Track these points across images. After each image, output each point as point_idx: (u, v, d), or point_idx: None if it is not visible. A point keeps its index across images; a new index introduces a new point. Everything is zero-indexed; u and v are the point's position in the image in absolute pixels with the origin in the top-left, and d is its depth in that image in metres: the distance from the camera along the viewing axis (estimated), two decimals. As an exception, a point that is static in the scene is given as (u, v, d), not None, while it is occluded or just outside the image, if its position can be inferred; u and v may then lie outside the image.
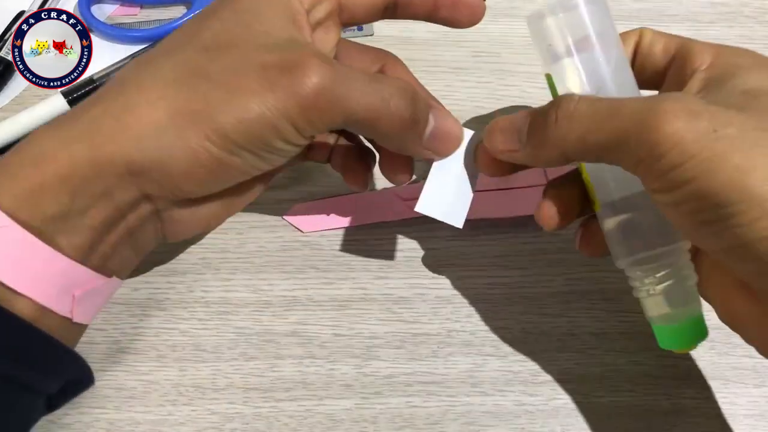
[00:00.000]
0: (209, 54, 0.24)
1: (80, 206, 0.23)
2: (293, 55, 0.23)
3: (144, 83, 0.23)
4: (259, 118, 0.23)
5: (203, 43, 0.24)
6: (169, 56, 0.24)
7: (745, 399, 0.30)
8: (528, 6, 0.40)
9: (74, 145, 0.23)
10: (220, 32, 0.24)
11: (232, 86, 0.23)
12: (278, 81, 0.23)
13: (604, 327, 0.31)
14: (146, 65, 0.24)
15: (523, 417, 0.30)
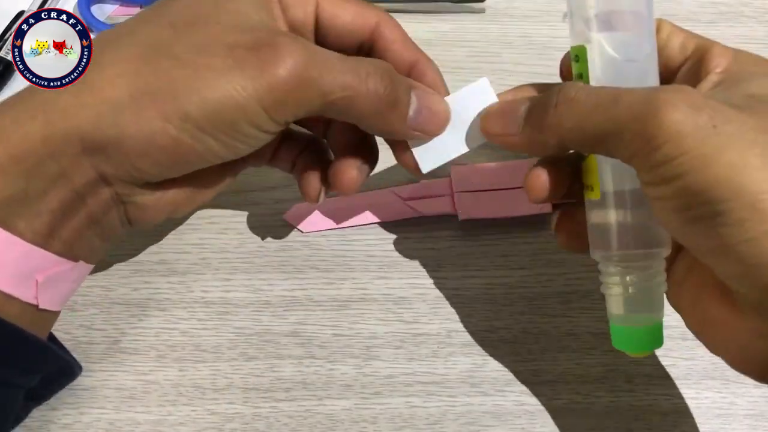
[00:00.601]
0: (176, 31, 0.23)
1: (37, 188, 0.22)
2: (264, 35, 0.22)
3: (104, 60, 0.23)
4: (226, 98, 0.21)
5: (169, 20, 0.23)
6: (133, 33, 0.23)
7: (745, 399, 0.30)
8: (528, 6, 0.40)
9: (28, 122, 0.22)
10: (188, 9, 0.23)
11: (198, 64, 0.22)
12: (248, 60, 0.22)
13: (604, 327, 0.31)
14: (108, 42, 0.24)
15: (523, 417, 0.30)
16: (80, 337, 0.31)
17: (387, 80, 0.24)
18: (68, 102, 0.22)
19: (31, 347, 0.24)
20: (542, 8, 0.40)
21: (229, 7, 0.23)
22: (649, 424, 0.30)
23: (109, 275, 0.32)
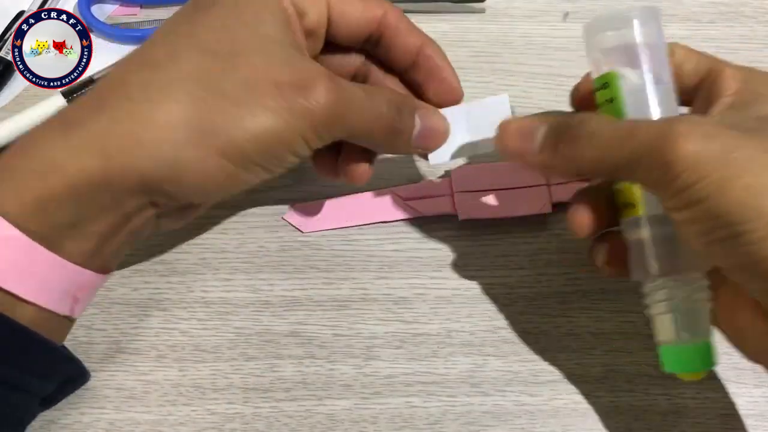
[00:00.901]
0: (219, 63, 0.23)
1: (89, 215, 0.23)
2: (304, 74, 0.24)
3: (152, 92, 0.23)
4: (276, 135, 0.23)
5: (208, 47, 0.24)
6: (174, 61, 0.24)
7: (745, 399, 0.30)
8: (528, 6, 0.40)
9: (85, 156, 0.22)
10: (222, 34, 0.24)
11: (251, 104, 0.23)
12: (294, 100, 0.23)
13: (604, 327, 0.31)
14: (150, 69, 0.24)
15: (523, 417, 0.30)
16: (80, 337, 0.31)
17: (397, 113, 0.26)
18: (124, 137, 0.23)
19: (57, 357, 0.25)
20: (542, 8, 0.40)
21: (261, 31, 0.24)
22: (649, 424, 0.30)
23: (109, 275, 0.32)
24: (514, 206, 0.32)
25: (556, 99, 0.37)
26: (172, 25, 0.25)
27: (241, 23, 0.24)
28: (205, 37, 0.24)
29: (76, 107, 0.24)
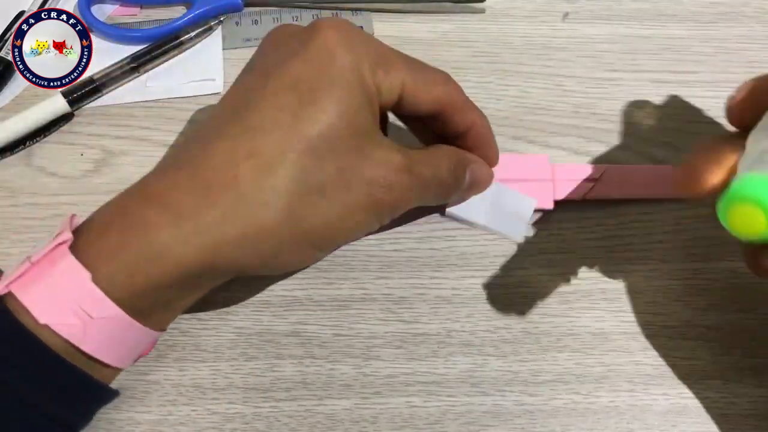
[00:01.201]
0: (318, 160, 0.24)
1: (184, 296, 0.25)
2: (390, 170, 0.25)
3: (264, 192, 0.23)
4: (365, 228, 0.27)
5: (310, 143, 0.24)
6: (282, 159, 0.23)
7: (745, 399, 0.30)
8: (528, 6, 0.40)
9: (197, 249, 0.23)
10: (325, 129, 0.24)
11: (345, 203, 0.25)
12: (382, 200, 0.25)
13: (604, 327, 0.31)
14: (259, 164, 0.23)
15: (523, 417, 0.30)
16: (80, 337, 0.31)
17: (455, 179, 0.29)
18: (237, 236, 0.23)
19: (107, 398, 0.26)
20: (542, 8, 0.40)
21: (353, 121, 0.25)
22: (649, 424, 0.30)
23: (109, 275, 0.32)
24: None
25: (556, 99, 0.37)
26: (273, 109, 0.24)
27: (338, 115, 0.24)
28: (307, 133, 0.24)
29: (182, 191, 0.23)
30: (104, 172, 0.35)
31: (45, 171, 0.35)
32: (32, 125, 0.35)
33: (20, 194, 0.34)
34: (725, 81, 0.38)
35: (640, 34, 0.39)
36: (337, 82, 0.24)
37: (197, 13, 0.39)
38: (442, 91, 0.28)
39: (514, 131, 0.36)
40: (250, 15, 0.40)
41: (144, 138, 0.36)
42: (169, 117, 0.37)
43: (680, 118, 0.36)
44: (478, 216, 0.32)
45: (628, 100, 0.37)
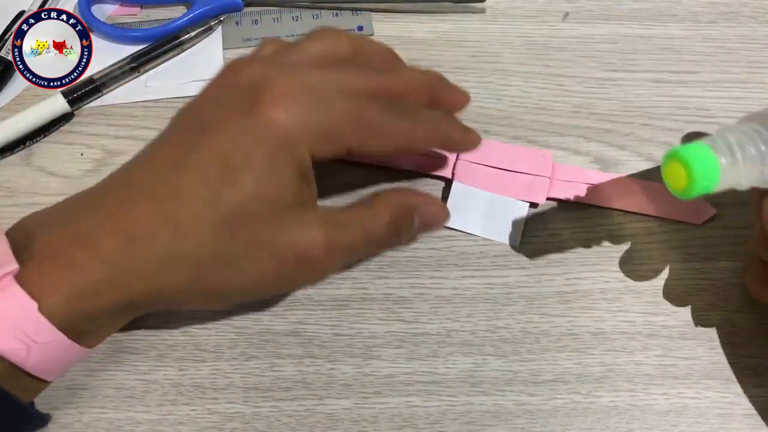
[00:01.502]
0: (232, 234, 0.25)
1: (117, 322, 0.27)
2: (307, 251, 0.26)
3: (173, 252, 0.25)
4: (279, 292, 0.30)
5: (227, 219, 0.25)
6: (196, 225, 0.25)
7: (745, 399, 0.30)
8: (528, 6, 0.40)
9: (119, 292, 0.25)
10: (241, 206, 0.25)
11: (254, 277, 0.26)
12: (294, 276, 0.27)
13: (604, 327, 0.31)
14: (173, 225, 0.25)
15: (523, 417, 0.30)
16: (80, 337, 0.31)
17: (396, 233, 0.28)
18: (145, 287, 0.25)
19: (36, 421, 0.27)
20: (542, 8, 0.40)
21: (273, 195, 0.25)
22: (649, 424, 0.30)
23: (109, 275, 0.32)
24: (510, 187, 0.33)
25: (556, 99, 0.37)
26: (197, 183, 0.25)
27: (257, 193, 0.25)
28: (223, 209, 0.25)
29: (109, 238, 0.25)
30: (104, 172, 0.35)
31: (45, 171, 0.35)
32: (32, 125, 0.35)
33: (20, 194, 0.34)
34: (725, 81, 0.38)
35: (640, 34, 0.39)
36: (266, 164, 0.25)
37: (197, 13, 0.39)
38: (396, 146, 0.28)
39: (514, 131, 0.36)
40: (250, 15, 0.40)
41: (144, 138, 0.36)
42: (169, 117, 0.36)
43: (680, 118, 0.36)
44: (473, 226, 0.33)
45: (628, 100, 0.37)
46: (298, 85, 0.26)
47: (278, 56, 0.28)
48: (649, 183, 0.34)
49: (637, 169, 0.35)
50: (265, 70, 0.26)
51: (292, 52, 0.28)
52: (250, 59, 0.28)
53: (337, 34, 0.29)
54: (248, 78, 0.26)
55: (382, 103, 0.27)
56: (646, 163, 0.35)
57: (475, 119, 0.36)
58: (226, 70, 0.28)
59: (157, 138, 0.28)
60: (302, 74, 0.26)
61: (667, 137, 0.36)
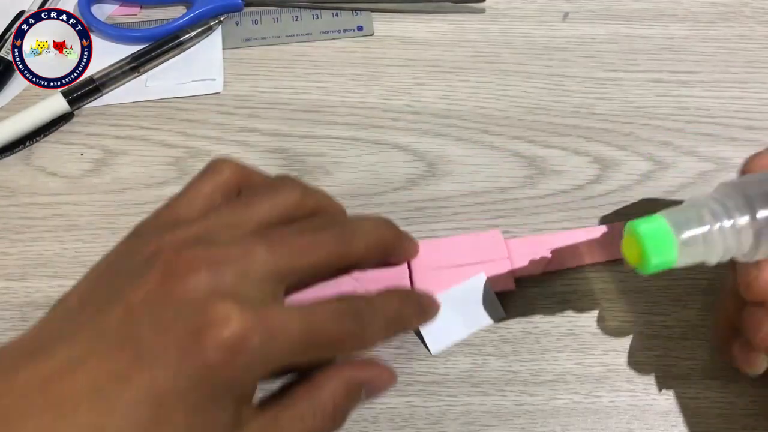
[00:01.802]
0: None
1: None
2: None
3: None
4: None
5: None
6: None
7: (745, 399, 0.30)
8: (528, 6, 0.40)
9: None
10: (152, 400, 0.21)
11: None
12: None
13: (604, 327, 0.31)
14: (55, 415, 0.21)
15: (523, 417, 0.30)
16: (80, 337, 0.31)
17: (344, 407, 0.25)
18: None
19: None
20: (542, 8, 0.40)
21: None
22: (649, 424, 0.30)
23: (109, 275, 0.32)
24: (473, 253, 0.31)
25: (556, 99, 0.37)
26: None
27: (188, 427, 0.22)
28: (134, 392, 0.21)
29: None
30: (104, 172, 0.35)
31: (45, 171, 0.35)
32: (32, 125, 0.35)
33: (20, 194, 0.34)
34: (725, 81, 0.38)
35: (640, 34, 0.39)
36: (201, 406, 0.22)
37: (197, 13, 0.39)
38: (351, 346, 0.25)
39: (514, 131, 0.36)
40: (250, 15, 0.40)
41: (144, 138, 0.36)
42: (169, 117, 0.37)
43: (680, 118, 0.36)
44: (454, 334, 0.31)
45: (628, 100, 0.37)
46: (251, 315, 0.22)
47: (220, 250, 0.24)
48: (612, 226, 0.33)
49: (638, 169, 0.35)
50: (211, 280, 0.22)
51: (235, 228, 0.25)
52: (195, 252, 0.23)
53: (289, 190, 0.26)
54: (192, 292, 0.22)
55: (339, 308, 0.24)
56: (646, 163, 0.35)
57: (474, 119, 0.36)
58: (158, 262, 0.23)
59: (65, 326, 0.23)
60: (249, 287, 0.23)
61: (667, 137, 0.36)
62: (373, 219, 0.27)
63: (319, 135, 0.36)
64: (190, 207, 0.27)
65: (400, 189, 0.35)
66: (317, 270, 0.26)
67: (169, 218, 0.27)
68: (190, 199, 0.27)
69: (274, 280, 0.24)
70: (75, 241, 0.33)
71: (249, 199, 0.26)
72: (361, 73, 0.38)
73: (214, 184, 0.27)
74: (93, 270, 0.26)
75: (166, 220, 0.26)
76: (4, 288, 0.32)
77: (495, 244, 0.32)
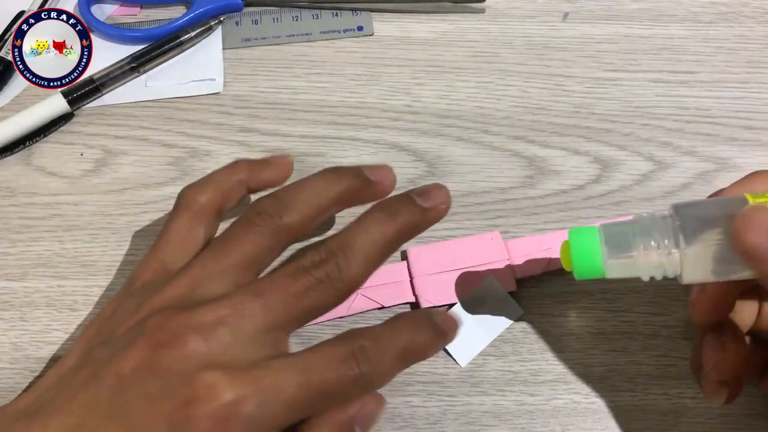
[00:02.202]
0: None
1: None
2: None
3: None
4: None
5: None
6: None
7: (745, 399, 0.30)
8: (528, 6, 0.40)
9: None
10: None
11: None
12: None
13: (604, 327, 0.31)
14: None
15: (523, 417, 0.30)
16: (80, 337, 0.31)
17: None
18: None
19: None
20: (542, 8, 0.40)
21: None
22: (649, 424, 0.30)
23: (109, 275, 0.32)
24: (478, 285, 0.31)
25: (556, 99, 0.37)
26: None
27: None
28: None
29: None
30: (104, 172, 0.35)
31: (45, 171, 0.35)
32: (32, 125, 0.35)
33: (20, 194, 0.34)
34: (725, 81, 0.38)
35: (640, 34, 0.39)
36: None
37: (197, 13, 0.39)
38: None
39: (514, 131, 0.36)
40: (250, 15, 0.40)
41: (144, 138, 0.36)
42: (169, 117, 0.37)
43: (680, 118, 0.36)
44: (482, 341, 0.30)
45: (628, 100, 0.37)
46: (241, 381, 0.22)
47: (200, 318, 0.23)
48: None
49: (638, 169, 0.35)
50: (199, 348, 0.22)
51: (221, 277, 0.25)
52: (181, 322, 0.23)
53: (267, 219, 0.26)
54: (180, 363, 0.22)
55: (340, 353, 0.24)
56: (646, 163, 0.35)
57: (474, 119, 0.36)
58: (146, 330, 0.23)
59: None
60: (240, 348, 0.23)
61: (667, 137, 0.36)
62: (367, 227, 0.26)
63: (319, 135, 0.36)
64: (173, 253, 0.27)
65: (399, 189, 0.34)
66: (318, 311, 0.25)
67: (156, 270, 0.26)
68: (171, 242, 0.27)
69: (271, 333, 0.24)
70: (75, 241, 0.33)
71: (227, 241, 0.26)
72: (361, 73, 0.38)
73: (191, 219, 0.27)
74: (89, 327, 0.26)
75: (154, 275, 0.26)
76: (4, 288, 0.32)
77: (495, 246, 0.32)
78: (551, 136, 0.36)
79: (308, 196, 0.26)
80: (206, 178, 0.29)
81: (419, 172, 0.35)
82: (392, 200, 0.26)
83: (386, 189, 0.28)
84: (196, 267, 0.25)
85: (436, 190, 0.27)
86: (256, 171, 0.29)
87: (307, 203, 0.26)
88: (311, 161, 0.35)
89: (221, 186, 0.28)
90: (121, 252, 0.33)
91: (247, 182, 0.29)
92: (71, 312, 0.31)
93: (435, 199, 0.26)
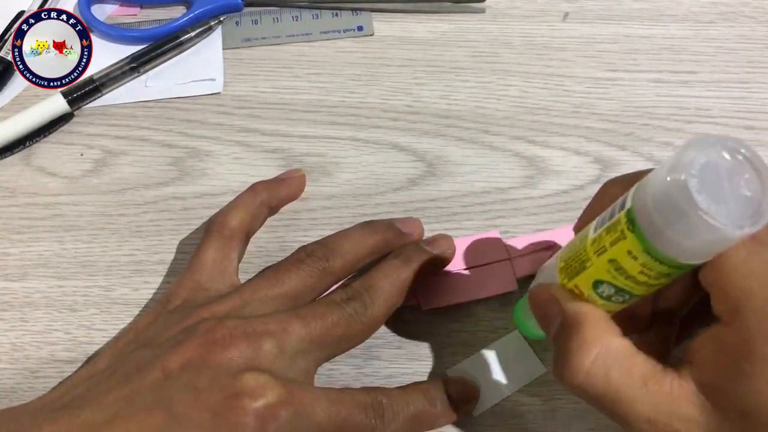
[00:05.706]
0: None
1: None
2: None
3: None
4: None
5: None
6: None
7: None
8: (528, 6, 0.40)
9: None
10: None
11: None
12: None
13: (604, 327, 0.31)
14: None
15: (523, 417, 0.30)
16: (80, 338, 0.31)
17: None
18: None
19: None
20: (542, 8, 0.40)
21: None
22: (649, 424, 0.29)
23: (109, 275, 0.32)
24: (480, 287, 0.31)
25: (556, 99, 0.37)
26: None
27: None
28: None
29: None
30: (104, 172, 0.35)
31: (45, 171, 0.35)
32: (32, 125, 0.35)
33: (20, 194, 0.34)
34: (725, 81, 0.38)
35: (640, 34, 0.39)
36: None
37: (197, 13, 0.39)
38: None
39: (514, 131, 0.36)
40: (250, 15, 0.40)
41: (144, 138, 0.36)
42: (169, 117, 0.37)
43: (680, 118, 0.36)
44: (498, 395, 0.30)
45: (628, 100, 0.37)
46: (284, 390, 0.23)
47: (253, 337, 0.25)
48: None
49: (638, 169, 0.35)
50: (249, 351, 0.24)
51: (268, 302, 0.27)
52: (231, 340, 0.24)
53: (315, 261, 0.28)
54: (230, 360, 0.24)
55: (365, 400, 0.26)
56: (646, 163, 0.35)
57: (474, 119, 0.36)
58: (199, 330, 0.25)
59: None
60: (283, 363, 0.25)
61: (667, 137, 0.36)
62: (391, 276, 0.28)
63: (319, 135, 0.36)
64: (210, 275, 0.29)
65: (400, 189, 0.35)
66: (345, 343, 0.27)
67: (193, 289, 0.28)
68: (206, 265, 0.29)
69: (308, 356, 0.26)
70: (75, 241, 0.33)
71: (280, 274, 0.28)
72: (361, 73, 0.38)
73: (224, 243, 0.29)
74: (120, 337, 0.27)
75: (191, 294, 0.28)
76: (4, 288, 0.32)
77: (495, 246, 0.32)
78: (551, 136, 0.36)
79: (351, 245, 0.29)
80: (233, 204, 0.31)
81: (419, 172, 0.35)
82: (406, 248, 0.30)
83: (416, 239, 0.31)
84: (248, 290, 0.27)
85: (442, 239, 0.30)
86: (275, 191, 0.32)
87: (350, 252, 0.29)
88: (311, 161, 0.35)
89: (249, 209, 0.31)
90: (121, 252, 0.33)
91: (268, 202, 0.32)
92: (71, 312, 0.31)
93: (441, 247, 0.30)
